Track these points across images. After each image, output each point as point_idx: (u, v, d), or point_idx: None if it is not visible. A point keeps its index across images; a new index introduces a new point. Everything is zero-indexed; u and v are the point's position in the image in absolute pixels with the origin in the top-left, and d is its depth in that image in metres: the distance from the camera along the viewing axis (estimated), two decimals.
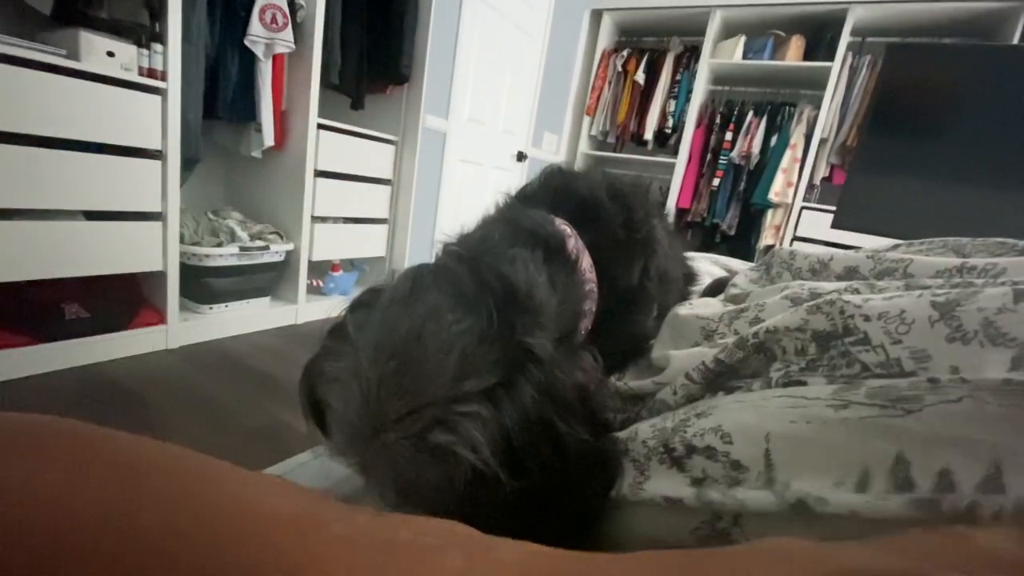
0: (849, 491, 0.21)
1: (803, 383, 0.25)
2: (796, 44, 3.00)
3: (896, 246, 0.42)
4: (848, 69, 2.87)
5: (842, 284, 0.32)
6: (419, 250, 2.56)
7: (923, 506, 0.19)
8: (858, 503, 0.20)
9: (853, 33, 2.81)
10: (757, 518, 0.23)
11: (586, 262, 0.35)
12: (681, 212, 3.43)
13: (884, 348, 0.24)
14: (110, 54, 1.37)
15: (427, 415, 0.26)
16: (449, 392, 0.27)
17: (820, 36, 2.97)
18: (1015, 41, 2.48)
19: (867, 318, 0.25)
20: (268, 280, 2.03)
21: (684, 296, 0.53)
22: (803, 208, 2.92)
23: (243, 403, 1.45)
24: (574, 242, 0.35)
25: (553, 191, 0.40)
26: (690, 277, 0.57)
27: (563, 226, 0.36)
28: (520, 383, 0.27)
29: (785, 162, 2.98)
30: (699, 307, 0.39)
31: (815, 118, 2.94)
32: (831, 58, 2.83)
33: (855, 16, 2.76)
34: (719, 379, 0.29)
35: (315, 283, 2.31)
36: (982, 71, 1.36)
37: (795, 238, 2.91)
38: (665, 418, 0.29)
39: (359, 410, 0.28)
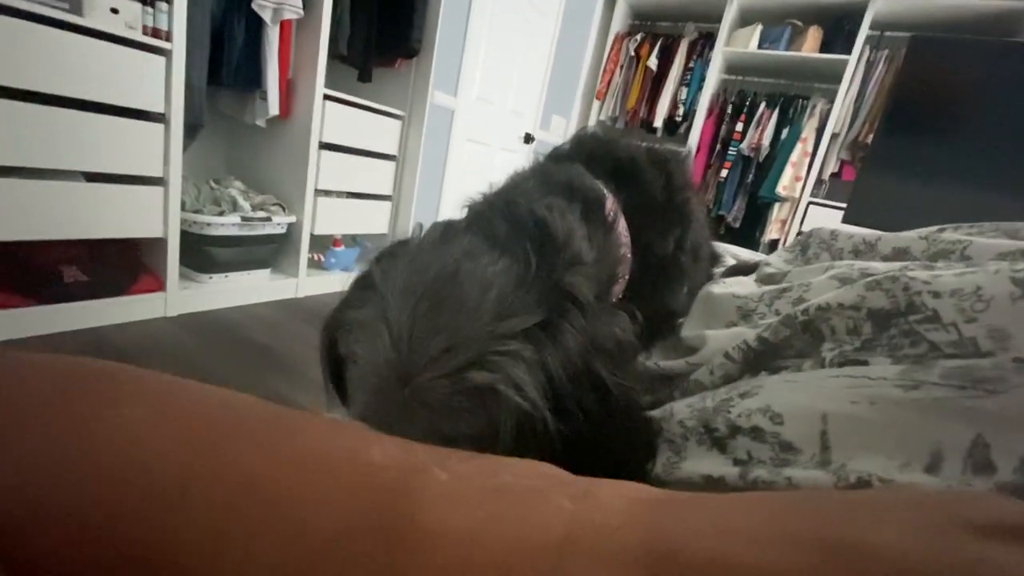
0: (918, 472, 0.19)
1: (863, 362, 0.24)
2: (813, 35, 2.95)
3: (942, 228, 0.40)
4: (865, 63, 2.82)
5: (896, 264, 0.30)
6: None
7: (1007, 490, 0.17)
8: (932, 484, 0.18)
9: (872, 27, 2.75)
10: None
11: (622, 224, 0.33)
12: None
13: (957, 327, 0.23)
14: (114, 11, 1.33)
15: (465, 353, 0.24)
16: (488, 330, 0.24)
17: (838, 28, 2.91)
18: None
19: (936, 295, 0.23)
20: (269, 252, 2.01)
21: (710, 277, 0.52)
22: (810, 203, 2.89)
23: (240, 374, 1.44)
24: (611, 201, 0.33)
25: (588, 152, 0.38)
26: (715, 258, 0.55)
27: (599, 184, 0.34)
28: (563, 326, 0.25)
29: (795, 156, 2.95)
30: (734, 286, 0.37)
31: (828, 112, 2.90)
32: (848, 51, 2.78)
33: (875, 9, 2.70)
34: (761, 359, 0.28)
35: (316, 257, 2.29)
36: (1005, 69, 1.33)
37: (800, 233, 2.89)
38: (704, 398, 0.28)
39: (388, 353, 0.25)
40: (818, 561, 0.12)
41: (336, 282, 2.29)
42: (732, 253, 1.12)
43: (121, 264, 1.58)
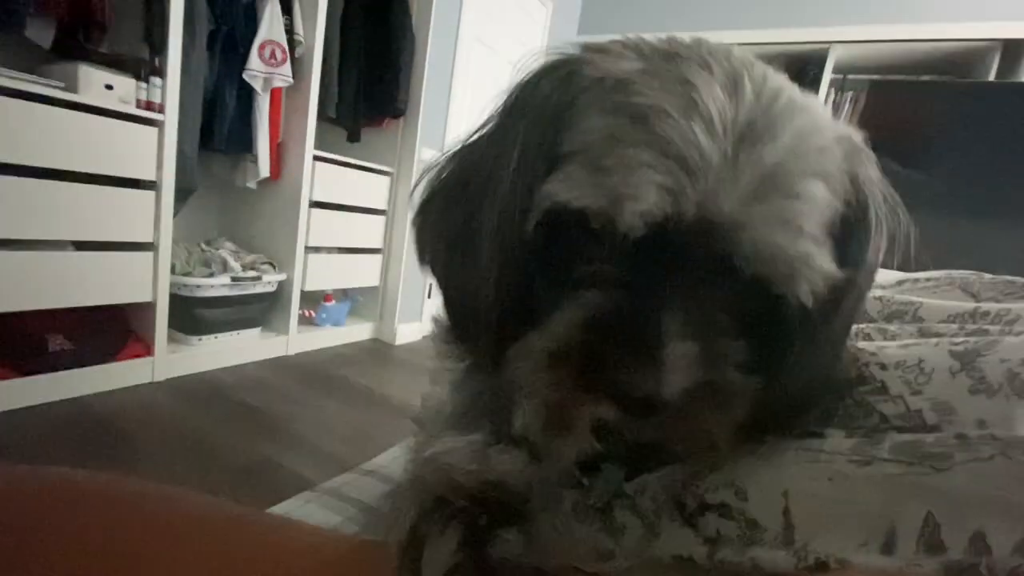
0: (874, 552, 0.19)
1: (819, 435, 0.24)
2: None
3: (901, 283, 0.41)
4: (832, 104, 2.96)
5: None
6: (413, 280, 2.55)
7: (956, 570, 0.17)
8: (886, 566, 0.18)
9: (835, 71, 2.91)
10: None
11: None
12: None
13: (904, 399, 0.23)
14: (108, 87, 1.39)
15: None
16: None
17: (804, 73, 3.07)
18: (991, 77, 2.58)
19: (883, 366, 0.24)
20: (259, 311, 2.00)
21: None
22: None
23: (231, 439, 1.40)
24: None
25: None
26: None
27: None
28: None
29: None
30: None
31: None
32: (815, 94, 2.92)
33: (836, 55, 2.86)
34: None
35: (307, 313, 2.29)
36: (959, 106, 1.40)
37: None
38: (674, 469, 0.27)
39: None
40: None
41: (327, 338, 2.28)
42: None
43: (108, 330, 1.57)
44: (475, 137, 0.30)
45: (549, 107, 0.25)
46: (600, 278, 0.23)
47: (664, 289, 0.21)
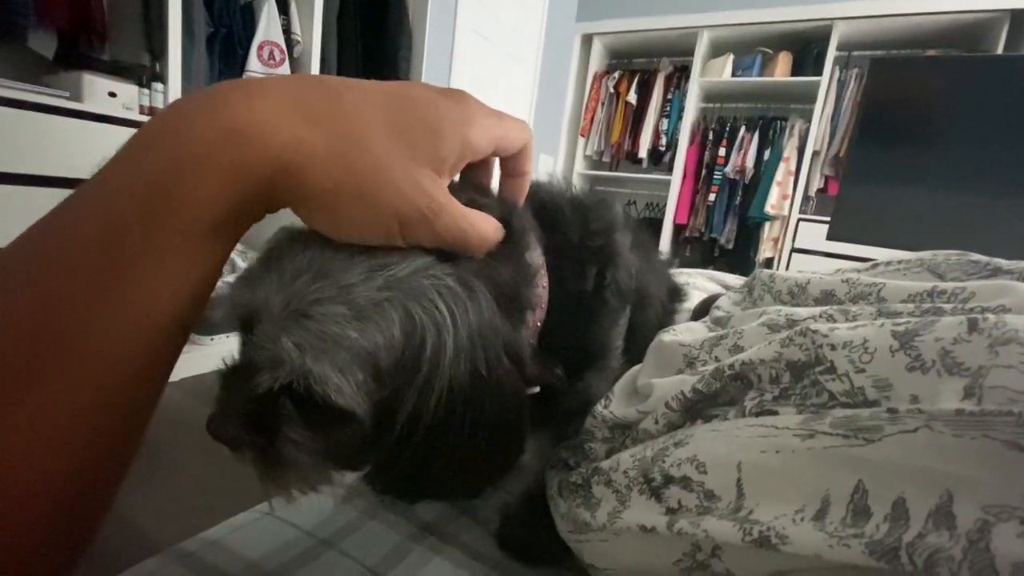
0: (809, 520, 0.21)
1: (774, 412, 0.26)
2: (784, 60, 3.06)
3: (875, 265, 0.42)
4: (836, 83, 2.92)
5: (817, 309, 0.32)
6: None
7: (879, 551, 0.19)
8: (820, 544, 0.20)
9: (839, 47, 2.86)
10: (732, 548, 0.23)
11: (537, 254, 0.33)
12: (679, 228, 3.45)
13: (849, 377, 0.25)
14: (111, 95, 1.41)
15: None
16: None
17: (807, 51, 3.03)
18: (999, 50, 2.52)
19: (833, 347, 0.26)
20: None
21: (668, 312, 0.53)
22: (800, 220, 2.93)
23: None
24: (531, 233, 0.34)
25: (531, 196, 0.39)
26: (675, 293, 0.57)
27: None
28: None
29: (779, 175, 3.01)
30: (682, 333, 0.39)
31: (807, 131, 2.98)
32: (819, 72, 2.88)
33: (839, 31, 2.82)
34: (696, 408, 0.30)
35: None
36: (965, 81, 1.38)
37: (793, 250, 2.92)
38: (646, 447, 0.29)
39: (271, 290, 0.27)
40: None
41: None
42: (719, 280, 1.14)
43: None
44: None
45: None
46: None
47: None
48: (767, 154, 3.13)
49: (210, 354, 1.81)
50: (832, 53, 2.85)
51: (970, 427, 0.19)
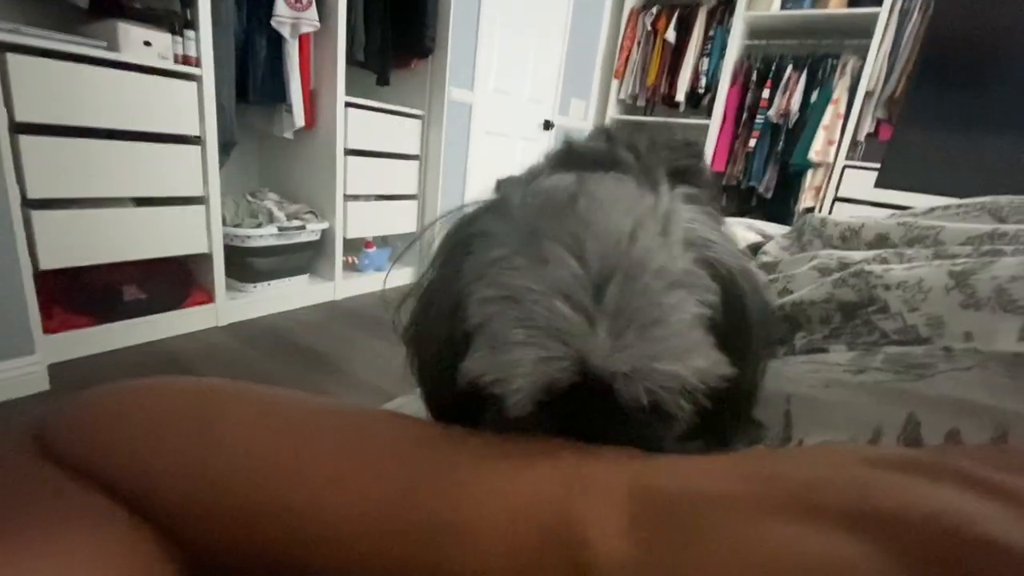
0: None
1: (825, 350, 0.26)
2: None
3: (932, 210, 0.41)
4: (898, 14, 2.67)
5: (871, 253, 0.32)
6: None
7: None
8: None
9: None
10: None
11: None
12: (716, 176, 3.32)
13: (902, 315, 0.25)
14: (147, 43, 1.42)
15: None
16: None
17: None
18: None
19: (887, 287, 0.26)
20: (306, 258, 2.10)
21: None
22: (845, 167, 2.77)
23: (288, 375, 1.53)
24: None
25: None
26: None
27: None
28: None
29: (827, 119, 2.83)
30: None
31: (860, 69, 2.76)
32: (879, 3, 2.63)
33: None
34: None
35: (350, 260, 2.38)
36: None
37: (836, 199, 2.79)
38: None
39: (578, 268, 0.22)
40: (755, 486, 0.17)
41: (371, 282, 2.37)
42: (758, 229, 1.11)
43: (175, 281, 1.70)
44: (431, 273, 0.31)
45: (453, 296, 0.26)
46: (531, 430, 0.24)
47: (584, 429, 0.23)
48: (814, 96, 2.92)
49: (253, 301, 1.89)
50: None
51: None
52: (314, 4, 1.81)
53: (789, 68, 2.99)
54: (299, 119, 1.92)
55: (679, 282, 0.22)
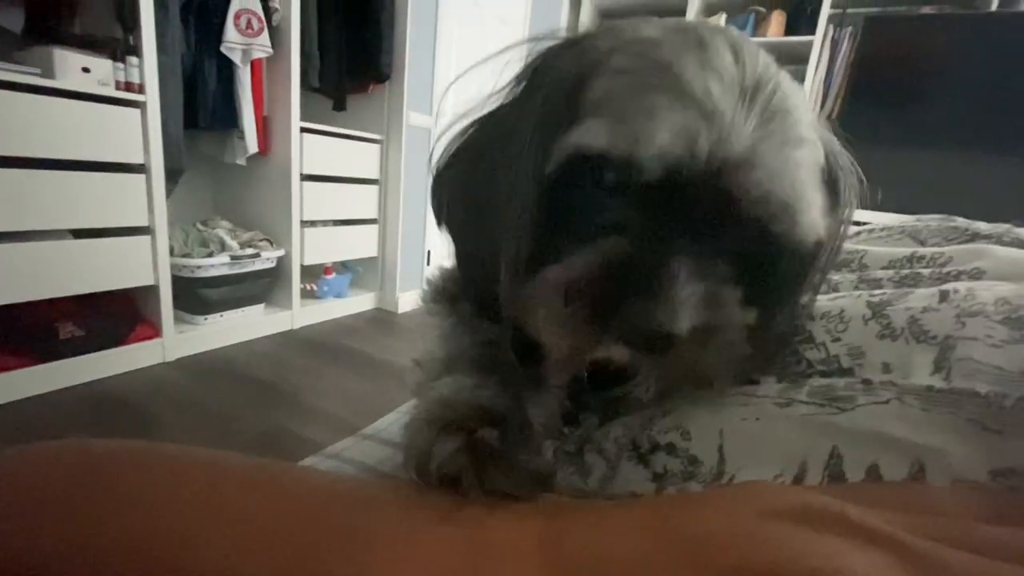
0: (787, 483, 0.22)
1: (755, 381, 0.27)
2: (777, 19, 2.99)
3: (858, 233, 0.43)
4: (830, 41, 2.86)
5: None
6: (411, 248, 2.56)
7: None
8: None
9: (833, 5, 2.78)
10: None
11: None
12: None
13: (826, 346, 0.26)
14: (85, 70, 1.36)
15: None
16: None
17: (800, 10, 2.94)
18: (994, 6, 2.48)
19: (812, 318, 0.26)
20: (261, 287, 2.03)
21: None
22: None
23: (243, 411, 1.46)
24: None
25: None
26: None
27: None
28: None
29: None
30: None
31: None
32: (812, 31, 2.81)
33: None
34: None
35: (309, 287, 2.32)
36: (959, 39, 1.37)
37: None
38: (636, 416, 0.30)
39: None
40: (658, 543, 0.18)
41: (330, 310, 2.32)
42: None
43: (117, 315, 1.61)
44: (492, 107, 0.32)
45: (569, 76, 0.26)
46: (615, 226, 0.24)
47: (675, 236, 0.23)
48: None
49: (205, 333, 1.81)
50: (826, 11, 2.77)
51: (939, 404, 0.20)
52: (266, 30, 1.79)
53: None
54: (252, 145, 1.88)
55: (809, 131, 0.24)
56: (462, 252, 0.32)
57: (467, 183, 0.30)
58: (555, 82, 0.26)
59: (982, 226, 0.37)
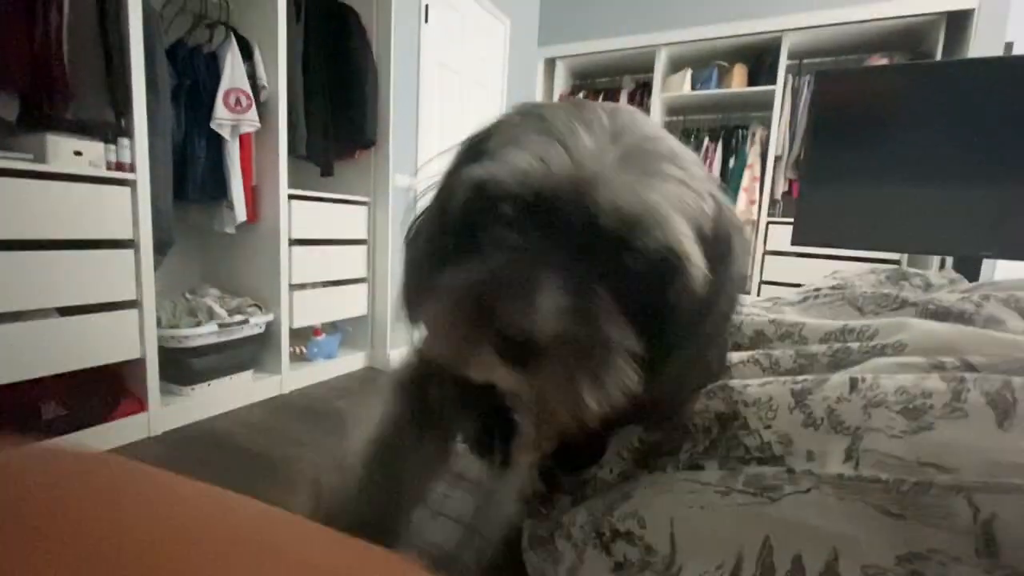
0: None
1: (701, 467, 0.28)
2: (739, 72, 3.18)
3: (805, 298, 0.45)
4: (791, 90, 3.04)
5: (746, 354, 0.35)
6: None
7: None
8: None
9: (790, 56, 2.98)
10: None
11: None
12: None
13: (759, 433, 0.27)
14: (77, 153, 1.41)
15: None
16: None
17: (761, 62, 3.15)
18: (939, 49, 2.66)
19: (746, 404, 0.28)
20: (250, 353, 2.01)
21: None
22: (769, 223, 3.01)
23: (231, 485, 1.41)
24: None
25: None
26: None
27: None
28: None
29: (745, 181, 3.10)
30: None
31: (767, 138, 3.08)
32: (774, 81, 2.99)
33: (789, 41, 2.94)
34: (645, 457, 0.31)
35: (298, 350, 2.30)
36: (904, 86, 1.46)
37: (766, 252, 3.00)
38: (599, 499, 0.31)
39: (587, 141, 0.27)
40: None
41: (321, 371, 2.29)
42: None
43: (101, 391, 1.58)
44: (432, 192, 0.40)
45: (477, 138, 0.34)
46: (501, 245, 0.28)
47: (551, 252, 0.26)
48: (732, 162, 3.22)
49: (192, 404, 1.78)
50: (784, 63, 2.97)
51: (849, 491, 0.21)
52: (254, 105, 1.87)
53: (706, 139, 3.30)
54: (241, 214, 1.92)
55: (688, 178, 0.28)
56: (404, 293, 0.41)
57: (418, 247, 0.40)
58: (469, 143, 0.34)
59: (909, 295, 0.39)
